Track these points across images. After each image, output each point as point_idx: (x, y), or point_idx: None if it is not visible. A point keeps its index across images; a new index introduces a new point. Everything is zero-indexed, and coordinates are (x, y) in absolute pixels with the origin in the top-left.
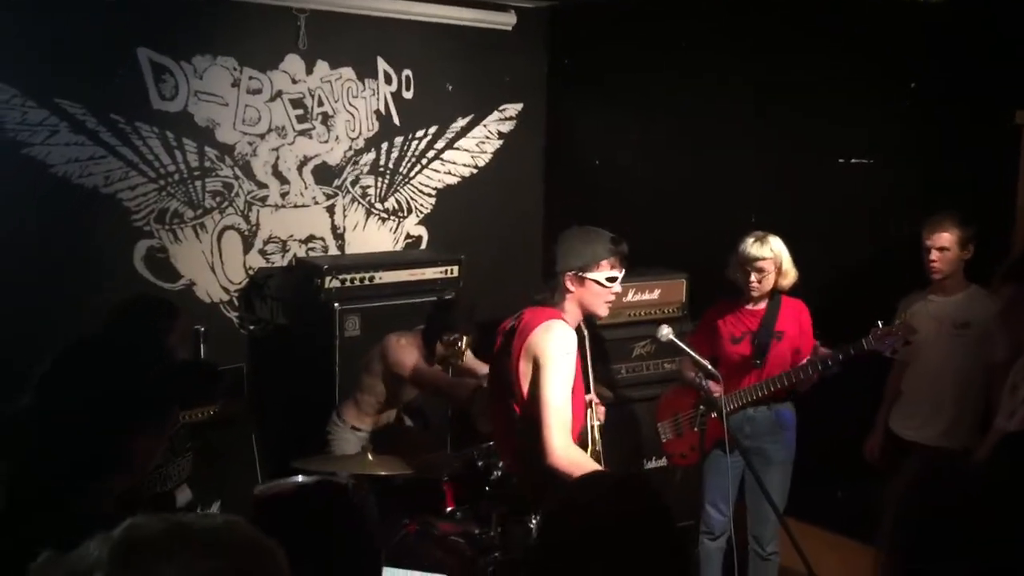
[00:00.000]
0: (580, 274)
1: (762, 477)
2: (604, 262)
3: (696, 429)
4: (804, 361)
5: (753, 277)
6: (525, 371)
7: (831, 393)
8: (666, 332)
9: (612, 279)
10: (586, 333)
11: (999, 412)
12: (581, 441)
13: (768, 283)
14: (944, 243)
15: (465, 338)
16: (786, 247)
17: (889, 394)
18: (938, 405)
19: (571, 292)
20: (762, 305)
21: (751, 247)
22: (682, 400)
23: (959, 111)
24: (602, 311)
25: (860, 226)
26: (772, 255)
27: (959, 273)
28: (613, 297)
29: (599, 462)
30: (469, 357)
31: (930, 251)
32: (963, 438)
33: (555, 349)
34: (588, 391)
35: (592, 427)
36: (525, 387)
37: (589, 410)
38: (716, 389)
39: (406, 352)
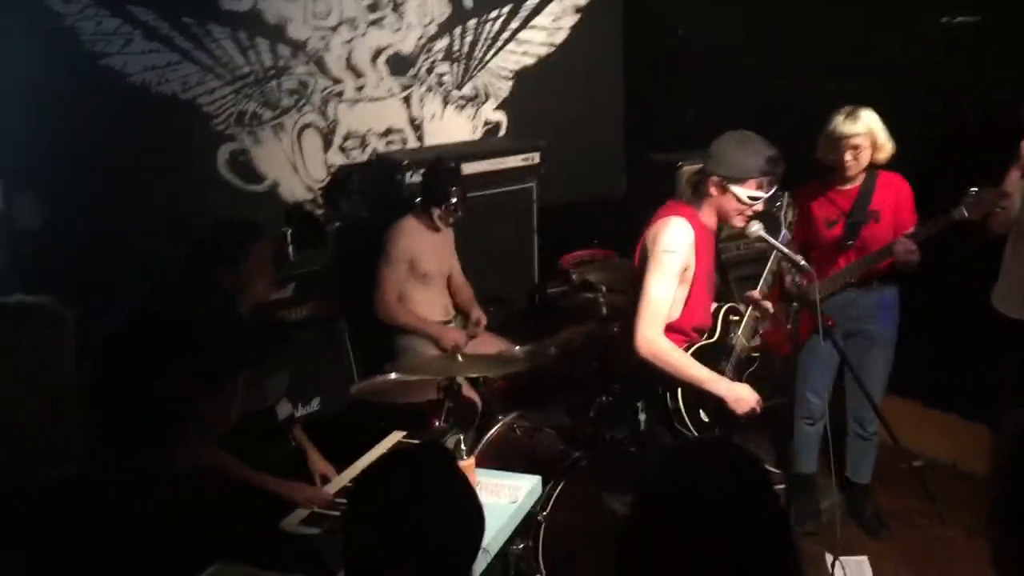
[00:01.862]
0: (724, 183)
1: (864, 359)
2: (751, 180)
3: (790, 325)
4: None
5: (848, 155)
6: (640, 261)
7: (937, 270)
8: (756, 228)
9: (755, 198)
10: None
11: None
12: (698, 337)
13: (864, 160)
14: None
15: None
16: (880, 119)
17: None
18: None
19: (711, 196)
20: (856, 183)
21: (842, 124)
22: (776, 284)
23: None
24: (736, 223)
25: (964, 93)
26: (866, 130)
27: None
28: (752, 212)
29: (745, 363)
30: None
31: None
32: None
33: (662, 244)
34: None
35: (736, 329)
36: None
37: (733, 312)
38: (808, 283)
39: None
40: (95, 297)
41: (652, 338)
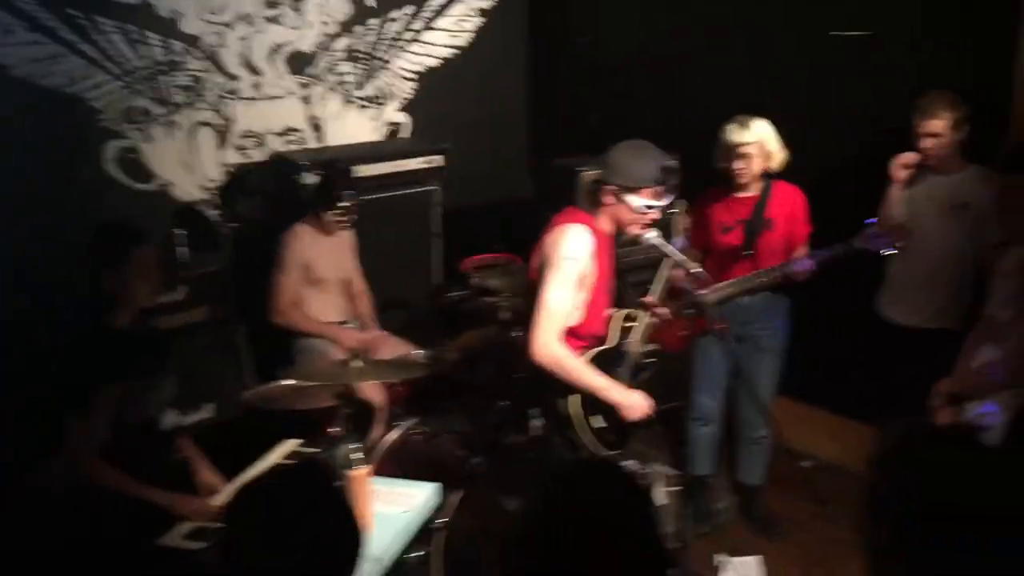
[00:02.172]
0: (619, 192)
1: (753, 364)
2: (646, 189)
3: (684, 332)
4: (794, 256)
5: (739, 164)
6: (538, 268)
7: (829, 275)
8: (651, 235)
9: (650, 207)
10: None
11: (989, 299)
12: (595, 344)
13: (754, 168)
14: (937, 129)
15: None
16: (774, 128)
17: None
18: (930, 287)
19: (607, 205)
20: (754, 192)
21: (733, 133)
22: (670, 288)
23: None
24: (632, 231)
25: (856, 104)
26: (756, 139)
27: (956, 154)
28: (648, 221)
29: (639, 369)
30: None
31: (922, 138)
32: (953, 321)
33: (560, 251)
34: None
35: (633, 332)
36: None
37: (628, 319)
38: (702, 289)
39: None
40: None
41: (549, 344)
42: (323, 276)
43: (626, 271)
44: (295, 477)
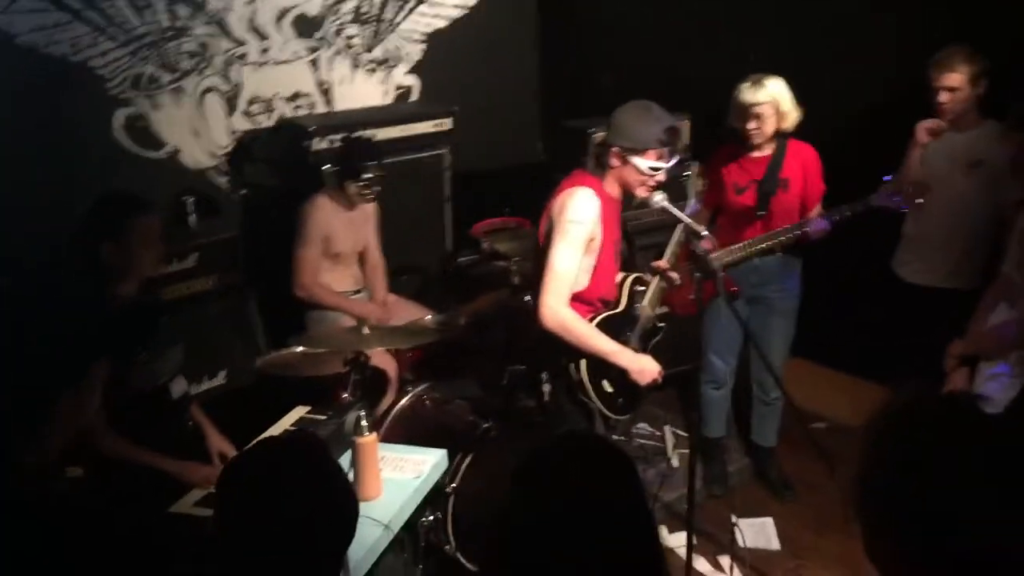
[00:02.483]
0: (625, 154)
1: (766, 326)
2: (651, 151)
3: (693, 296)
4: (808, 216)
5: (752, 124)
6: (545, 232)
7: (844, 234)
8: (659, 198)
9: (655, 169)
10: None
11: (1006, 258)
12: (605, 308)
13: (768, 128)
14: (954, 83)
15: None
16: (787, 87)
17: None
18: (945, 246)
19: (613, 168)
20: (767, 151)
21: (746, 93)
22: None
23: None
24: (639, 193)
25: (870, 61)
26: (768, 99)
27: (973, 110)
28: (654, 184)
29: (650, 333)
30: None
31: (939, 92)
32: (968, 281)
33: (567, 214)
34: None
35: (643, 297)
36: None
37: (638, 283)
38: (709, 250)
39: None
40: None
41: (556, 308)
42: (340, 250)
43: (636, 234)
44: (284, 448)
